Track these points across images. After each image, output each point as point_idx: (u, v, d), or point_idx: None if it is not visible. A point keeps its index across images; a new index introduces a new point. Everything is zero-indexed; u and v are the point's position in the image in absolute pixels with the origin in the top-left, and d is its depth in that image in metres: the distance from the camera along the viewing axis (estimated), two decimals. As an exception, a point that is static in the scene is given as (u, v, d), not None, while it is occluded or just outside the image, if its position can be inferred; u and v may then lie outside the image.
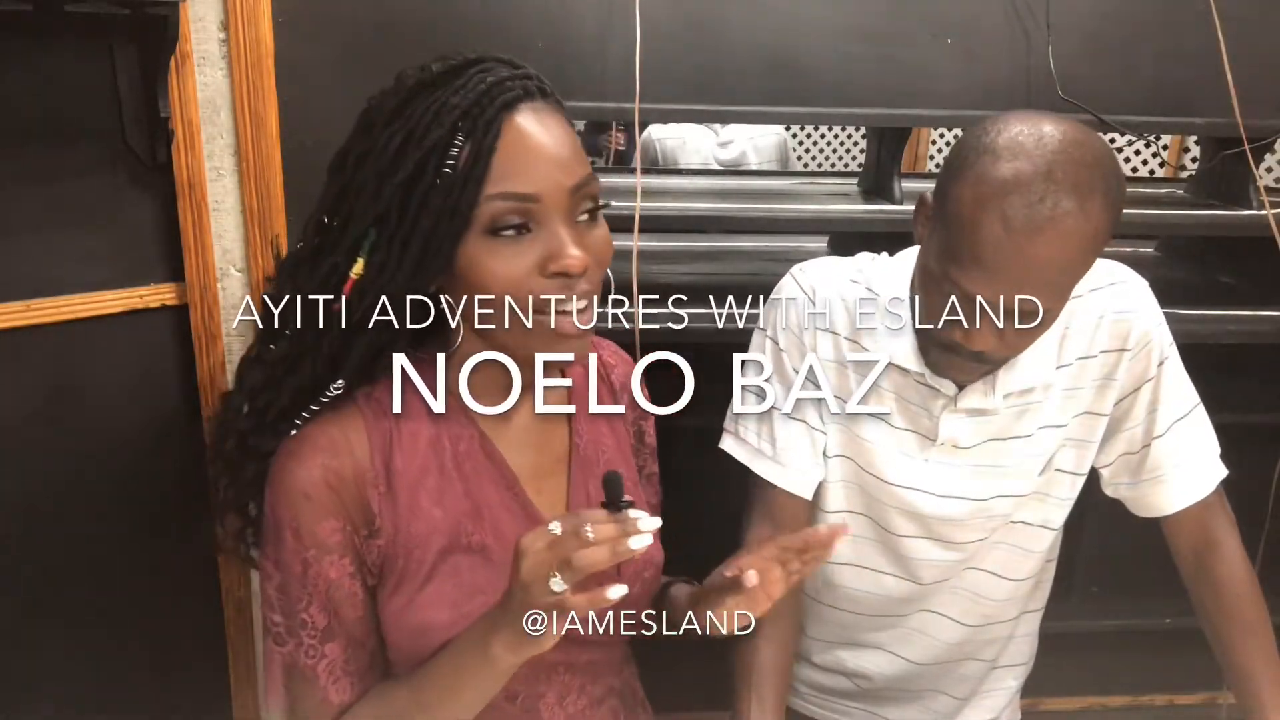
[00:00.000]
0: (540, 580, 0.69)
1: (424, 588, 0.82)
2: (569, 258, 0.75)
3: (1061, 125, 0.85)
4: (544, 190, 0.75)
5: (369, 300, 0.77)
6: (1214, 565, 1.05)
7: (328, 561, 0.80)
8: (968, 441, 1.02)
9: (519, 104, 0.76)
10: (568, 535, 0.70)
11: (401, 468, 0.82)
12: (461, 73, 0.77)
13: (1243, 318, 1.51)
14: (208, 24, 1.33)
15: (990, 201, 0.83)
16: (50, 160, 1.27)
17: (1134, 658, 1.81)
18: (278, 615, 0.82)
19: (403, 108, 0.76)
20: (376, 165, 0.76)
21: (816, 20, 1.44)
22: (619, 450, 0.96)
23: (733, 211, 1.51)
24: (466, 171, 0.74)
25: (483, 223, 0.75)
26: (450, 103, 0.75)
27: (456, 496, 0.84)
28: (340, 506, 0.80)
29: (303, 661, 0.81)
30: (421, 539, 0.82)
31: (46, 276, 1.30)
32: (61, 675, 1.43)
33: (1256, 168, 1.53)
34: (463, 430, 0.86)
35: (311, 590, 0.80)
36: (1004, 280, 0.84)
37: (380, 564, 0.83)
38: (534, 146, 0.76)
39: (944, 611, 1.11)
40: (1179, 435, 1.04)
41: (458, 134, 0.74)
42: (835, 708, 1.22)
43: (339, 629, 0.82)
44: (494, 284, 0.76)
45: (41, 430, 1.34)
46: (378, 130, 0.76)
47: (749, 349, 1.10)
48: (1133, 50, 1.50)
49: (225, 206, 1.41)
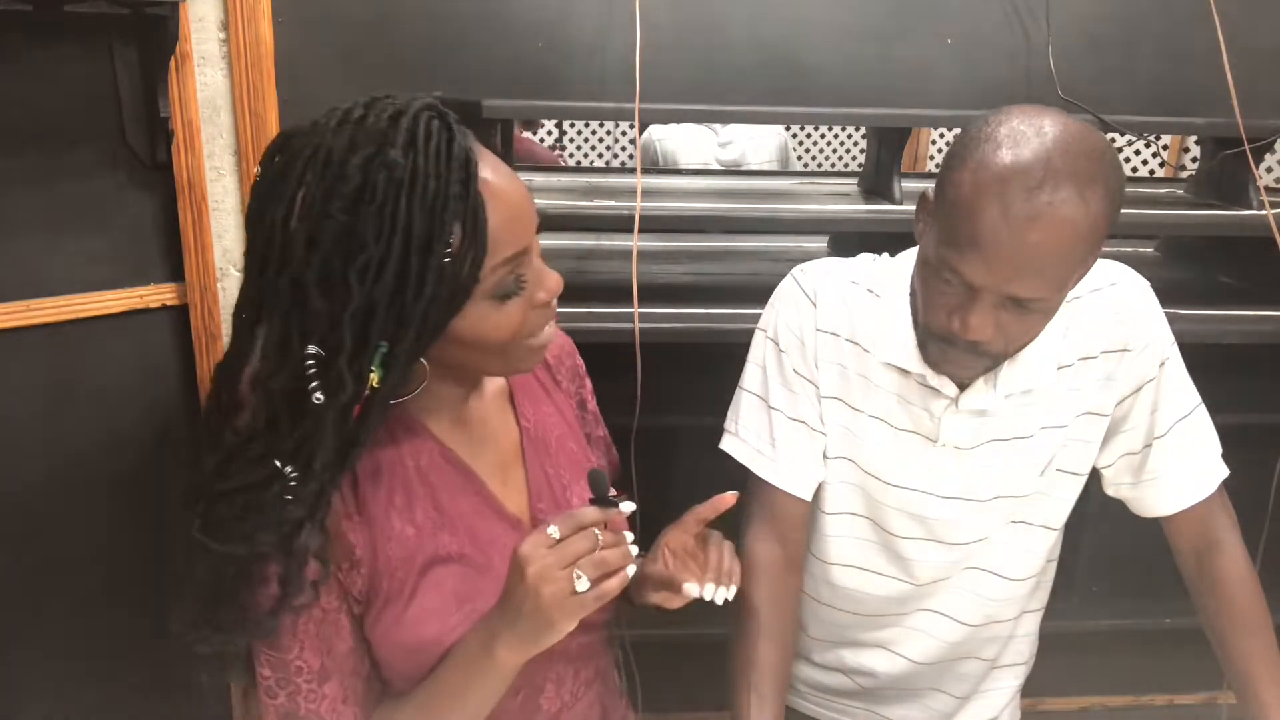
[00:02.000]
0: (556, 581, 0.71)
1: (409, 605, 0.82)
2: (552, 285, 0.79)
3: (1062, 118, 0.86)
4: (528, 239, 0.77)
5: (380, 405, 0.74)
6: (1215, 565, 1.05)
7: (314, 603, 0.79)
8: (969, 442, 1.02)
9: (471, 159, 0.73)
10: (576, 537, 0.72)
11: (369, 495, 0.82)
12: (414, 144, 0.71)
13: (1243, 318, 1.51)
14: (208, 24, 1.33)
15: (989, 187, 0.83)
16: (50, 160, 1.27)
17: (1134, 658, 1.81)
18: (266, 670, 0.81)
19: (384, 210, 0.69)
20: (383, 284, 0.69)
21: (816, 20, 1.45)
22: (565, 424, 0.98)
23: (733, 211, 1.51)
24: (465, 254, 0.72)
25: (486, 290, 0.75)
26: (434, 189, 0.70)
27: (426, 510, 0.84)
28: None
29: (303, 708, 0.81)
30: (401, 559, 0.82)
31: (46, 276, 1.30)
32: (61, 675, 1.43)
33: (1256, 168, 1.53)
34: (423, 445, 0.85)
35: (301, 635, 0.80)
36: (1001, 267, 0.83)
37: (366, 591, 0.82)
38: (509, 203, 0.74)
39: (945, 611, 1.11)
40: (1180, 435, 1.04)
41: (451, 223, 0.71)
42: (835, 707, 1.22)
43: (333, 666, 0.81)
44: (499, 335, 0.77)
45: (41, 430, 1.34)
46: (370, 244, 0.69)
47: (750, 350, 1.10)
48: (1133, 50, 1.50)
49: (225, 206, 1.41)
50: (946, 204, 0.87)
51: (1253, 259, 1.59)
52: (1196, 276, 1.77)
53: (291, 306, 0.71)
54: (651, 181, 1.72)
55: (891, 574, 1.10)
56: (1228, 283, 1.72)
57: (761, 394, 1.07)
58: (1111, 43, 1.49)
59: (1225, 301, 1.59)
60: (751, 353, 1.09)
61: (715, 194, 1.67)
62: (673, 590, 0.89)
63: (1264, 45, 1.49)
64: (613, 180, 1.78)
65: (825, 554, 1.11)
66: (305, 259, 0.70)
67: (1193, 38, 1.47)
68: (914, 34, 1.46)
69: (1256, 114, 1.48)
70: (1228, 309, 1.52)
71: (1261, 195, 1.55)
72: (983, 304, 0.86)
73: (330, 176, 0.70)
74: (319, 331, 0.70)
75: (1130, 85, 1.51)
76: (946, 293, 0.89)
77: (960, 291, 0.88)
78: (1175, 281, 1.71)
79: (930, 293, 0.92)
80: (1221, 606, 1.05)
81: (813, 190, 1.73)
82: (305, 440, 0.72)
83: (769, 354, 1.06)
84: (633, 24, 1.37)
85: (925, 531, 1.06)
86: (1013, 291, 0.84)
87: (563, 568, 0.71)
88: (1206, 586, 1.06)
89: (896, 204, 1.52)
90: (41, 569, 1.38)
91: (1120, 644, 1.78)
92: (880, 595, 1.11)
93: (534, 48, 1.41)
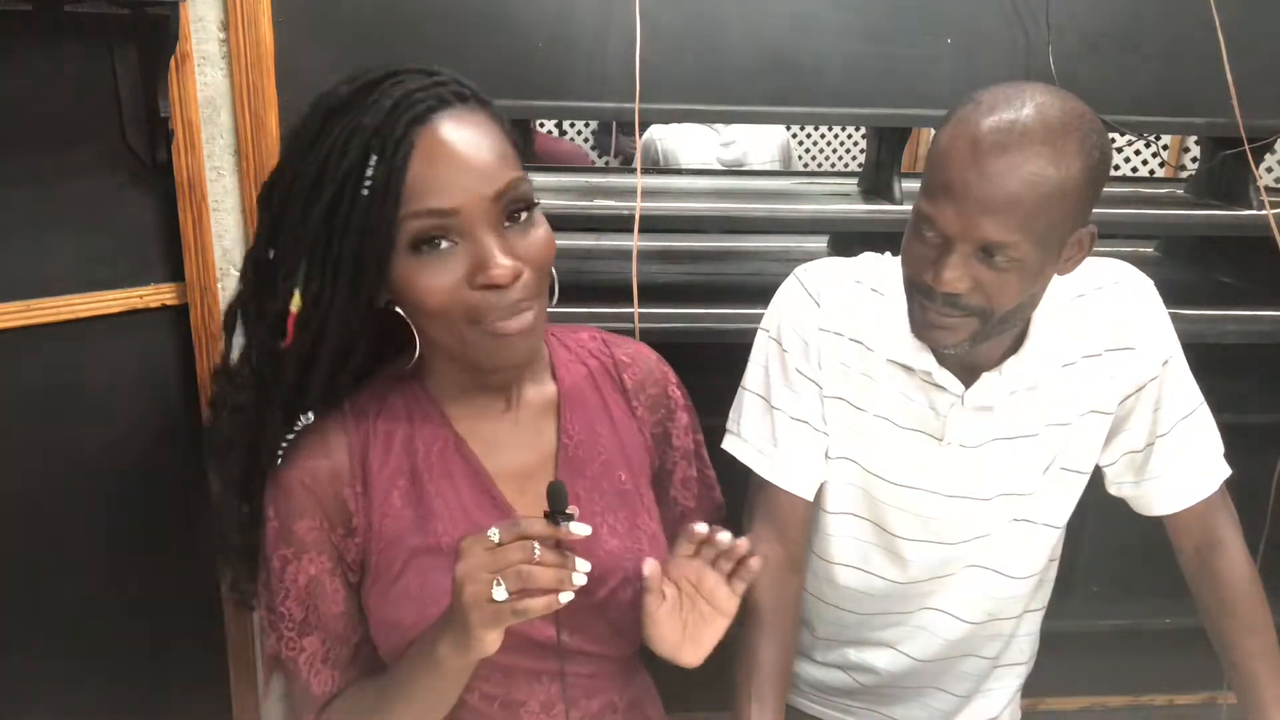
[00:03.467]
0: (477, 583, 0.69)
1: (394, 585, 0.83)
2: (496, 268, 0.75)
3: (1048, 89, 0.88)
4: (462, 203, 0.74)
5: (313, 331, 0.78)
6: (1217, 564, 1.05)
7: (306, 558, 0.82)
8: (974, 440, 1.02)
9: (430, 115, 0.75)
10: (510, 546, 0.69)
11: (376, 468, 0.84)
12: (372, 89, 0.76)
13: (1243, 318, 1.51)
14: (208, 24, 1.33)
15: (963, 138, 0.85)
16: (50, 160, 1.27)
17: (1134, 658, 1.81)
18: (263, 609, 0.85)
19: (318, 135, 0.76)
20: (298, 195, 0.76)
21: (816, 20, 1.44)
22: (621, 451, 0.94)
23: (733, 211, 1.51)
24: (382, 190, 0.73)
25: (405, 240, 0.75)
26: (362, 123, 0.74)
27: (427, 497, 0.85)
28: (318, 505, 0.82)
29: (284, 653, 0.83)
30: (394, 537, 0.83)
31: (46, 276, 1.30)
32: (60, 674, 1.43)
33: (1256, 168, 1.53)
34: (437, 432, 0.86)
35: (289, 585, 0.82)
36: (968, 207, 0.84)
37: (360, 560, 0.84)
38: (447, 158, 0.74)
39: (947, 609, 1.11)
40: (1183, 434, 1.04)
41: (370, 153, 0.73)
42: (837, 705, 1.22)
43: (317, 623, 0.83)
44: (426, 299, 0.76)
45: (41, 430, 1.33)
46: (296, 159, 0.77)
47: (752, 350, 1.09)
48: (1133, 50, 1.50)
49: (225, 206, 1.41)
50: (928, 162, 0.89)
51: (1253, 259, 1.59)
52: (1196, 276, 1.77)
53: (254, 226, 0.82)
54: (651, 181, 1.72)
55: (892, 574, 1.10)
56: (1228, 283, 1.72)
57: (764, 394, 1.07)
58: (1111, 43, 1.49)
59: (1225, 301, 1.59)
60: (754, 352, 1.09)
61: (715, 194, 1.67)
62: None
63: (1264, 45, 1.49)
64: (613, 180, 1.78)
65: (827, 553, 1.11)
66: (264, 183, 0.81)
67: (1193, 38, 1.47)
68: (914, 34, 1.46)
69: (1256, 114, 1.48)
70: (1228, 309, 1.52)
71: (1261, 195, 1.55)
72: (957, 254, 0.87)
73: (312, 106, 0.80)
74: (262, 239, 0.80)
75: (1130, 85, 1.51)
76: (924, 245, 0.90)
77: (937, 243, 0.89)
78: (1175, 281, 1.71)
79: (910, 248, 0.93)
80: (1223, 606, 1.05)
81: (813, 190, 1.73)
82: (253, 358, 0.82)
83: (771, 354, 1.06)
84: (633, 24, 1.37)
85: (927, 531, 1.06)
86: (982, 234, 0.85)
87: (489, 571, 0.69)
88: (1208, 586, 1.06)
89: (896, 204, 1.52)
90: (42, 569, 1.37)
91: (1120, 644, 1.78)
92: (882, 594, 1.11)
93: (534, 48, 1.41)
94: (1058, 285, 0.97)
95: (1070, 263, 0.93)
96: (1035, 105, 0.85)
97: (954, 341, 0.93)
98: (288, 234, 0.77)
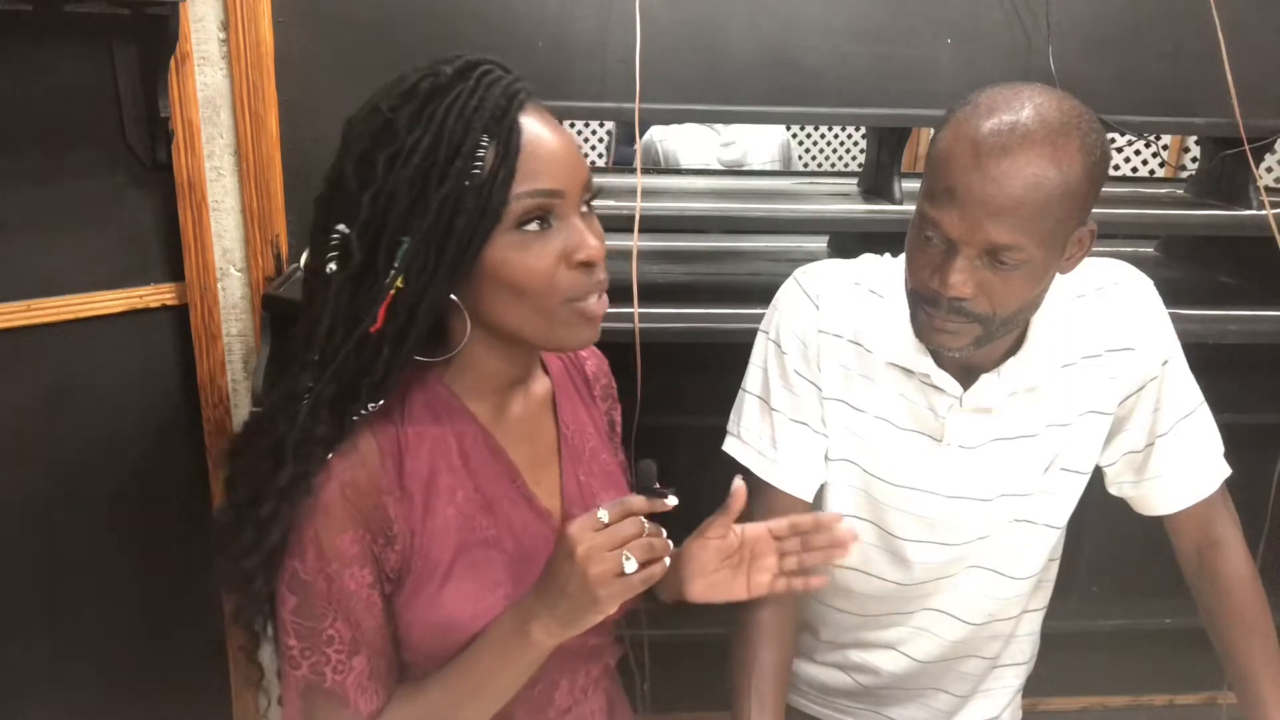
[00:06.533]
0: (604, 561, 0.73)
1: (444, 586, 0.83)
2: (592, 247, 0.79)
3: (1044, 89, 0.88)
4: (565, 185, 0.78)
5: (404, 315, 0.77)
6: (1217, 564, 1.05)
7: (349, 574, 0.80)
8: (973, 441, 1.02)
9: (529, 103, 0.79)
10: (625, 522, 0.74)
11: (412, 470, 0.83)
12: (468, 74, 0.78)
13: (1243, 318, 1.51)
14: (208, 24, 1.33)
15: (964, 140, 0.85)
16: (50, 160, 1.27)
17: (1134, 658, 1.81)
18: (292, 639, 0.81)
19: (422, 111, 0.77)
20: (406, 171, 0.75)
21: (816, 20, 1.45)
22: (600, 437, 0.99)
23: (733, 211, 1.51)
24: (496, 171, 0.76)
25: (511, 220, 0.77)
26: (470, 104, 0.76)
27: (468, 493, 0.85)
28: (359, 517, 0.80)
29: (330, 679, 0.81)
30: (438, 538, 0.83)
31: (46, 276, 1.30)
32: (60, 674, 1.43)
33: (1256, 168, 1.53)
34: (466, 427, 0.86)
35: (336, 605, 0.80)
36: (973, 210, 0.84)
37: (399, 569, 0.83)
38: (552, 144, 0.79)
39: (948, 609, 1.11)
40: (1183, 434, 1.04)
41: (484, 135, 0.76)
42: (837, 706, 1.22)
43: (362, 640, 0.82)
44: (525, 277, 0.78)
45: (42, 430, 1.34)
46: (402, 135, 0.76)
47: (751, 351, 1.09)
48: (1133, 50, 1.50)
49: (225, 206, 1.41)
50: (928, 165, 0.89)
51: (1253, 259, 1.59)
52: (1196, 276, 1.77)
53: (332, 191, 0.78)
54: (651, 181, 1.72)
55: (893, 575, 1.09)
56: (1228, 283, 1.72)
57: (763, 396, 1.07)
58: (1111, 43, 1.49)
59: (1225, 301, 1.59)
60: (753, 354, 1.09)
61: (715, 194, 1.67)
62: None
63: (1264, 45, 1.49)
64: (613, 180, 1.78)
65: (827, 554, 1.11)
66: (349, 148, 0.78)
67: (1193, 38, 1.47)
68: (914, 34, 1.46)
69: (1256, 114, 1.48)
70: (1228, 309, 1.52)
71: (1261, 195, 1.55)
72: (962, 259, 0.87)
73: (392, 87, 0.79)
74: (349, 214, 0.76)
75: (1130, 85, 1.51)
76: (928, 251, 0.90)
77: (940, 248, 0.88)
78: (1175, 281, 1.71)
79: (914, 254, 0.92)
80: (1223, 605, 1.05)
81: (813, 190, 1.73)
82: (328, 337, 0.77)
83: (770, 355, 1.06)
84: (633, 24, 1.37)
85: (927, 532, 1.06)
86: (988, 237, 0.85)
87: (610, 549, 0.73)
88: (1208, 585, 1.06)
89: (896, 204, 1.52)
90: (42, 569, 1.38)
91: (1120, 644, 1.78)
92: (883, 595, 1.11)
93: (534, 48, 1.41)
94: (1057, 286, 0.97)
95: (1071, 261, 0.93)
96: (1034, 106, 0.85)
97: (959, 345, 0.93)
98: (394, 211, 0.76)
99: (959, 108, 0.89)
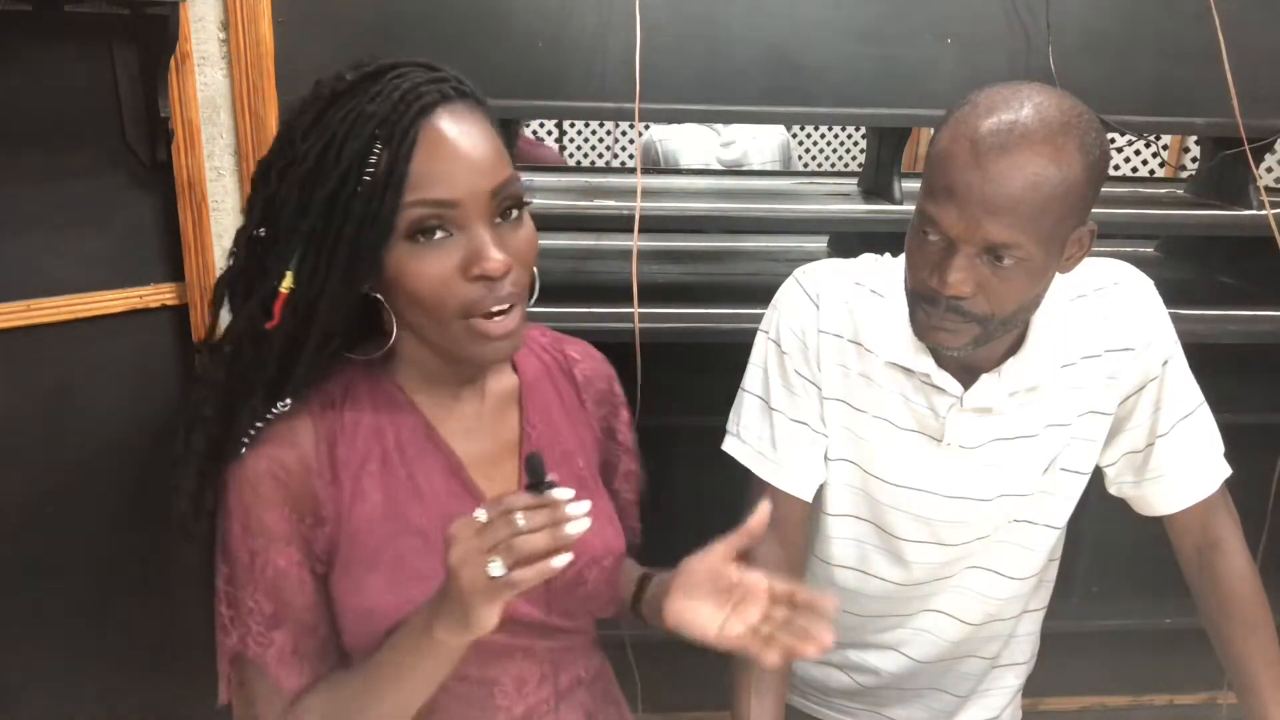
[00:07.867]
0: (474, 565, 0.70)
1: (369, 572, 0.83)
2: (490, 260, 0.77)
3: (1044, 88, 0.88)
4: (462, 195, 0.76)
5: (302, 313, 0.79)
6: (1217, 564, 1.05)
7: (274, 550, 0.82)
8: (973, 441, 1.02)
9: (435, 109, 0.77)
10: (497, 521, 0.70)
11: (345, 456, 0.84)
12: (377, 79, 0.78)
13: (1243, 318, 1.51)
14: (208, 24, 1.33)
15: (963, 139, 0.86)
16: (50, 160, 1.27)
17: (1134, 658, 1.81)
18: (224, 606, 0.83)
19: (320, 117, 0.77)
20: (298, 176, 0.77)
21: (817, 20, 1.45)
22: (578, 442, 0.97)
23: (733, 211, 1.51)
24: (385, 179, 0.75)
25: (404, 228, 0.76)
26: (367, 110, 0.76)
27: (399, 480, 0.85)
28: (287, 496, 0.82)
29: (251, 649, 0.83)
30: (366, 523, 0.84)
31: (46, 276, 1.30)
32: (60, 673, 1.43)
33: (1256, 168, 1.53)
34: (406, 419, 0.87)
35: (259, 578, 0.82)
36: (972, 208, 0.84)
37: (329, 551, 0.84)
38: (451, 152, 0.77)
39: (947, 610, 1.11)
40: (1183, 434, 1.04)
41: (375, 142, 0.75)
42: (837, 706, 1.22)
43: (286, 616, 0.83)
44: (419, 286, 0.77)
45: (41, 430, 1.34)
46: (298, 142, 0.78)
47: (751, 351, 1.09)
48: (1133, 50, 1.50)
49: (225, 206, 1.41)
50: (927, 164, 0.89)
51: (1253, 259, 1.60)
52: (1196, 276, 1.77)
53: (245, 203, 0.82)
54: (651, 181, 1.72)
55: (893, 576, 1.09)
56: (1228, 283, 1.72)
57: (763, 395, 1.07)
58: (1111, 43, 1.49)
59: (1225, 301, 1.59)
60: (753, 354, 1.09)
61: (715, 194, 1.67)
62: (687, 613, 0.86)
63: (1264, 45, 1.49)
64: (613, 180, 1.78)
65: (828, 555, 1.11)
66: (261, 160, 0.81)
67: (1193, 38, 1.47)
68: (914, 34, 1.46)
69: (1256, 114, 1.48)
70: (1228, 309, 1.52)
71: (1261, 195, 1.55)
72: (961, 257, 0.87)
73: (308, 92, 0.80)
74: (250, 216, 0.81)
75: (1130, 85, 1.51)
76: (927, 249, 0.90)
77: (940, 247, 0.89)
78: (1175, 281, 1.71)
79: (913, 253, 0.92)
80: (1223, 605, 1.05)
81: (813, 190, 1.73)
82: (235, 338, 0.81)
83: (770, 355, 1.06)
84: (633, 24, 1.37)
85: (928, 531, 1.06)
86: (987, 236, 0.85)
87: (483, 552, 0.69)
88: (1208, 585, 1.06)
89: (896, 204, 1.52)
90: (41, 568, 1.38)
91: (1120, 644, 1.78)
92: (883, 596, 1.11)
93: (534, 48, 1.41)
94: (1057, 286, 0.97)
95: (1071, 261, 0.93)
96: (1034, 105, 0.85)
97: (958, 344, 0.93)
98: (285, 215, 0.78)
99: (958, 107, 0.89)
